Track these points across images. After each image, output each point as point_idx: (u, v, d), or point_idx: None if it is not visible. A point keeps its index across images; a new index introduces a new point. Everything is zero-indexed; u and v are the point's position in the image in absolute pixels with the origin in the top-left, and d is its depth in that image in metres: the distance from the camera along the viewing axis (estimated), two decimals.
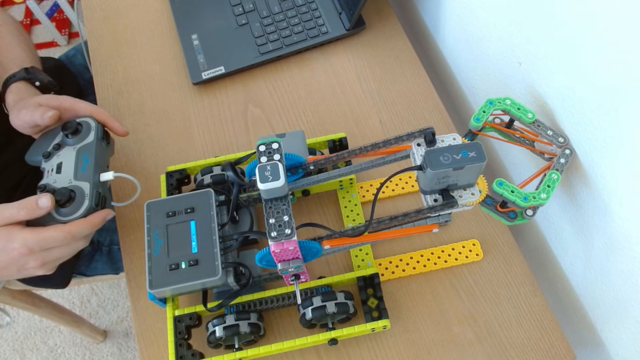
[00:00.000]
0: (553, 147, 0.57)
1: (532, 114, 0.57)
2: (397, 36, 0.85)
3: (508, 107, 0.57)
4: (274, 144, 0.54)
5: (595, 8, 0.47)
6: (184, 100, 0.81)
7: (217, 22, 0.85)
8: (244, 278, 0.59)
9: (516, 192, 0.52)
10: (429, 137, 0.53)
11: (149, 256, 0.56)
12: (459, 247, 0.67)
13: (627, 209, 0.52)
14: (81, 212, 0.57)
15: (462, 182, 0.50)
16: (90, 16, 0.90)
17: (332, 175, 0.59)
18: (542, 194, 0.53)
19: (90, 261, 0.89)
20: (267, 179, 0.50)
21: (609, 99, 0.49)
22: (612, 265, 0.58)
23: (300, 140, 0.65)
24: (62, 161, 0.61)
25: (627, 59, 0.45)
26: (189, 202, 0.59)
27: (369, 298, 0.61)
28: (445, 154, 0.48)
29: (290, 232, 0.50)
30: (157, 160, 0.76)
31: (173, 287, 0.55)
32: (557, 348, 0.62)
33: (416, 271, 0.66)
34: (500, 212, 0.54)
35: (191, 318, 0.60)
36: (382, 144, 0.54)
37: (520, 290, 0.65)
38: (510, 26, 0.62)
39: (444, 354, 0.62)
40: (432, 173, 0.48)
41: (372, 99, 0.79)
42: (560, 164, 0.55)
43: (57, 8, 1.88)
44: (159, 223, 0.58)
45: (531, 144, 0.59)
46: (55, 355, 1.34)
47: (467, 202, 0.51)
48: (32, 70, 0.70)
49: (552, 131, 0.56)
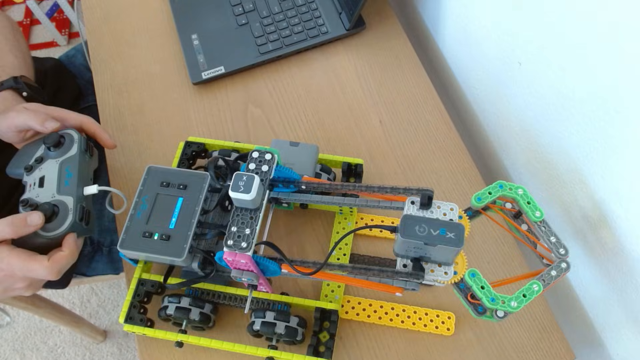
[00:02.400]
0: (552, 255, 0.52)
1: (540, 213, 0.51)
2: (397, 36, 0.85)
3: (518, 197, 0.52)
4: (268, 154, 0.54)
5: (595, 8, 0.47)
6: (184, 100, 0.81)
7: (217, 22, 0.85)
8: (209, 267, 0.60)
9: (486, 290, 0.48)
10: (424, 199, 0.49)
11: (131, 216, 0.58)
12: (432, 315, 0.63)
13: (627, 209, 0.52)
14: (65, 227, 0.55)
15: (437, 258, 0.48)
16: (90, 16, 0.90)
17: (325, 201, 0.56)
18: (513, 301, 0.47)
19: (91, 261, 0.89)
20: (238, 188, 0.50)
21: (609, 99, 0.49)
22: (612, 265, 0.58)
23: (312, 155, 0.64)
24: (44, 175, 0.59)
25: (627, 59, 0.45)
26: (184, 179, 0.60)
27: (322, 331, 0.60)
28: (423, 225, 0.45)
29: (246, 247, 0.49)
30: (157, 161, 0.76)
31: (139, 254, 0.57)
32: (557, 348, 0.62)
33: (381, 322, 0.63)
34: (470, 302, 0.50)
35: (153, 285, 0.62)
36: (378, 189, 0.52)
37: None
38: (511, 26, 0.62)
39: (443, 354, 0.62)
40: (401, 240, 0.45)
41: (372, 99, 0.79)
42: (549, 276, 0.49)
43: (57, 8, 1.88)
44: (152, 189, 0.60)
45: (533, 244, 0.54)
46: (55, 355, 1.34)
47: (437, 280, 0.48)
48: (20, 80, 0.68)
49: (556, 239, 0.51)
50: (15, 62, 0.72)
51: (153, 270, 0.66)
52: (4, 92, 0.66)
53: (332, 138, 0.76)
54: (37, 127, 0.60)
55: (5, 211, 0.79)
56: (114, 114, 0.80)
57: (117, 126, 0.79)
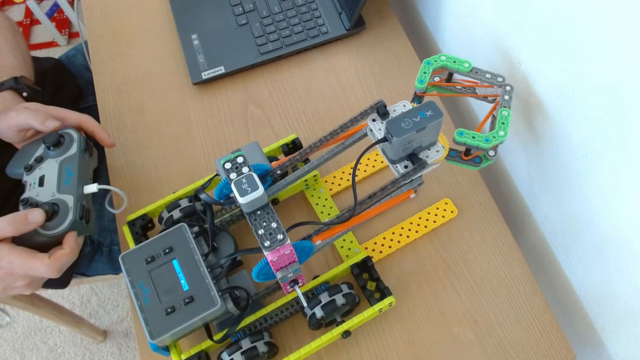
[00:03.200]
0: (494, 88, 0.60)
1: (468, 64, 0.60)
2: (397, 36, 0.85)
3: (444, 62, 0.60)
4: (239, 157, 0.52)
5: (595, 8, 0.47)
6: (184, 100, 0.81)
7: (217, 22, 0.85)
8: (242, 300, 0.58)
9: (477, 137, 0.56)
10: (382, 109, 0.54)
11: (141, 308, 0.54)
12: (433, 210, 0.70)
13: (627, 209, 0.52)
14: (66, 225, 0.55)
15: (426, 142, 0.53)
16: (90, 16, 0.90)
17: (299, 174, 0.58)
18: (499, 131, 0.56)
19: (91, 261, 0.89)
20: (246, 191, 0.49)
21: (609, 99, 0.49)
22: (612, 266, 0.58)
23: (257, 151, 0.64)
24: (44, 174, 0.59)
25: (627, 59, 0.45)
26: (165, 243, 0.57)
27: (367, 282, 0.62)
28: (405, 119, 0.49)
29: (283, 237, 0.49)
30: (157, 161, 0.76)
31: (175, 331, 0.53)
32: (557, 348, 0.62)
33: (401, 244, 0.68)
34: (465, 160, 0.58)
35: (200, 357, 0.58)
36: (340, 129, 0.55)
37: (520, 290, 0.65)
38: (511, 26, 0.62)
39: (444, 354, 0.62)
40: (398, 140, 0.49)
41: (372, 99, 0.79)
42: (505, 100, 0.58)
43: (57, 8, 1.88)
44: (141, 272, 0.55)
45: (473, 91, 0.62)
46: (55, 355, 1.34)
47: (435, 160, 0.53)
48: (21, 81, 0.68)
49: (490, 74, 0.60)
50: (15, 63, 0.72)
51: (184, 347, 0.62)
52: (4, 93, 0.67)
53: None
54: (38, 126, 0.60)
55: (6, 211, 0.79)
56: (113, 113, 0.80)
57: (117, 126, 0.79)
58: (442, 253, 0.68)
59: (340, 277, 0.64)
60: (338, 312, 0.59)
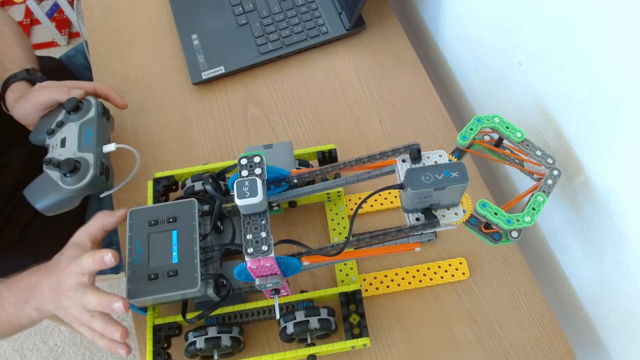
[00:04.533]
0: (542, 167, 0.56)
1: (520, 133, 0.56)
2: (397, 36, 0.85)
3: (496, 125, 0.56)
4: (256, 157, 0.53)
5: (595, 8, 0.47)
6: (184, 100, 0.81)
7: (217, 22, 0.85)
8: (224, 290, 0.59)
9: (499, 215, 0.51)
10: (414, 153, 0.51)
11: (129, 264, 0.55)
12: (445, 265, 0.66)
13: (627, 209, 0.52)
14: (87, 179, 0.60)
15: (445, 202, 0.49)
16: (90, 16, 0.90)
17: (317, 189, 0.57)
18: (526, 217, 0.51)
19: None
20: (244, 194, 0.49)
21: (609, 99, 0.49)
22: (612, 266, 0.58)
23: (288, 152, 0.64)
24: (65, 136, 0.63)
25: (627, 59, 0.45)
26: (172, 212, 0.58)
27: (350, 314, 0.61)
28: (427, 173, 0.46)
29: (267, 249, 0.49)
30: (157, 160, 0.76)
31: (152, 297, 0.54)
32: (557, 348, 0.62)
33: (400, 288, 0.65)
34: (485, 233, 0.53)
35: (171, 327, 0.59)
36: (367, 159, 0.53)
37: (520, 290, 0.65)
38: (511, 26, 0.62)
39: (443, 354, 0.62)
40: (413, 193, 0.46)
41: (372, 99, 0.79)
42: (547, 185, 0.54)
43: (57, 8, 1.88)
44: (141, 232, 0.57)
45: (520, 164, 0.58)
46: (55, 355, 1.34)
47: (450, 222, 0.49)
48: (32, 72, 0.72)
49: (541, 152, 0.55)
50: (24, 56, 0.76)
51: (163, 313, 0.63)
52: (18, 83, 0.71)
53: (332, 138, 0.76)
54: (64, 97, 0.65)
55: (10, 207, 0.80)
56: (114, 113, 0.80)
57: (117, 126, 0.79)
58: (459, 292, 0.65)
59: (327, 299, 0.63)
60: (311, 334, 0.59)
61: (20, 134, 0.71)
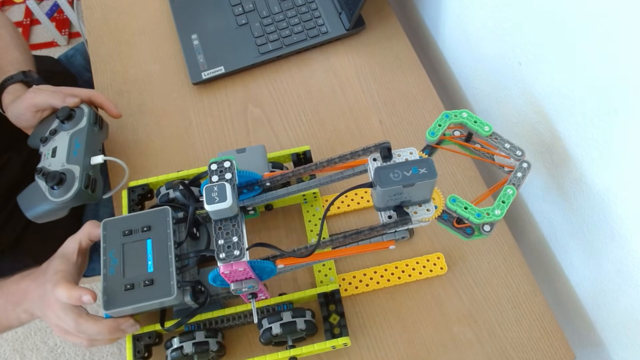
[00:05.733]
0: (511, 160, 0.55)
1: (489, 127, 0.55)
2: (397, 36, 0.85)
3: (464, 120, 0.56)
4: (226, 162, 0.52)
5: (595, 8, 0.47)
6: (184, 100, 0.81)
7: (217, 22, 0.85)
8: (202, 296, 0.58)
9: (469, 209, 0.50)
10: (384, 152, 0.51)
11: (105, 276, 0.55)
12: (423, 261, 0.66)
13: (626, 209, 0.52)
14: (72, 193, 0.60)
15: (417, 198, 0.49)
16: (90, 16, 0.90)
17: (291, 191, 0.56)
18: (496, 210, 0.50)
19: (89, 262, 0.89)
20: (213, 200, 0.48)
21: (609, 99, 0.49)
22: (611, 266, 0.58)
23: (261, 155, 0.64)
24: (57, 146, 0.64)
25: (626, 59, 0.45)
26: (145, 220, 0.57)
27: (330, 314, 0.61)
28: (396, 170, 0.46)
29: (239, 254, 0.49)
30: (157, 160, 0.76)
31: (128, 308, 0.54)
32: (557, 348, 0.62)
33: (380, 286, 0.65)
34: (457, 228, 0.52)
35: (150, 337, 0.59)
36: (339, 159, 0.53)
37: (520, 290, 0.65)
38: (510, 26, 0.62)
39: (443, 354, 0.62)
40: (383, 190, 0.47)
41: (372, 99, 0.79)
42: (517, 178, 0.53)
43: (57, 8, 1.87)
44: (115, 242, 0.57)
45: (491, 157, 0.57)
46: (55, 355, 1.34)
47: (422, 219, 0.50)
48: (29, 74, 0.72)
49: (510, 144, 0.55)
50: (21, 58, 0.76)
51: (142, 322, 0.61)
52: (15, 85, 0.71)
53: (332, 138, 0.76)
54: (58, 104, 0.65)
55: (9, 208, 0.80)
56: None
57: (117, 126, 0.79)
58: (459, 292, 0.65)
59: (306, 301, 0.63)
60: (292, 335, 0.59)
61: (19, 135, 0.71)
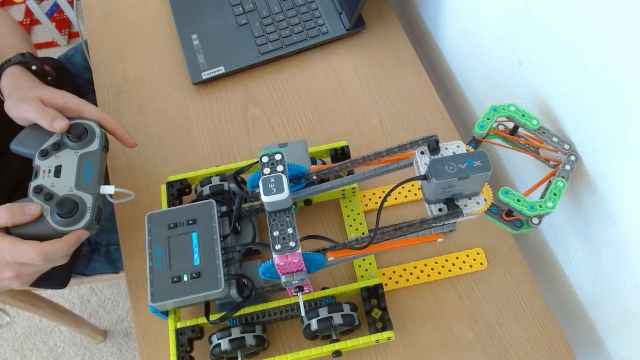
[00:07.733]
0: (558, 154, 0.56)
1: (537, 121, 0.56)
2: (397, 36, 0.85)
3: (512, 113, 0.56)
4: (277, 154, 0.53)
5: (595, 8, 0.47)
6: (184, 100, 0.81)
7: (217, 22, 0.85)
8: (246, 290, 0.58)
9: (522, 201, 0.51)
10: (433, 145, 0.51)
11: (151, 269, 0.55)
12: (463, 257, 0.67)
13: (628, 210, 0.52)
14: (81, 225, 0.55)
15: (467, 191, 0.50)
16: (90, 16, 0.90)
17: (335, 185, 0.57)
18: (548, 202, 0.52)
19: (89, 261, 0.89)
20: (271, 191, 0.49)
21: (610, 99, 0.49)
22: (612, 266, 0.58)
23: (303, 150, 0.64)
24: (61, 164, 0.57)
25: (627, 59, 0.45)
26: (190, 214, 0.58)
27: (372, 309, 0.61)
28: (450, 163, 0.46)
29: (295, 245, 0.49)
30: (157, 160, 0.76)
31: (175, 300, 0.54)
32: (557, 348, 0.62)
33: (420, 281, 0.65)
34: (506, 220, 0.53)
35: (193, 330, 0.59)
36: (385, 152, 0.53)
37: (520, 290, 0.65)
38: (511, 26, 0.62)
39: (443, 354, 0.62)
40: (437, 183, 0.47)
41: (372, 98, 0.79)
42: (565, 171, 0.54)
43: (57, 8, 1.88)
44: (161, 235, 0.57)
45: (536, 151, 0.58)
46: (55, 355, 1.34)
47: (472, 211, 0.50)
48: (27, 55, 0.68)
49: (558, 138, 0.55)
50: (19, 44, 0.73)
51: (184, 317, 0.63)
52: (13, 67, 0.67)
53: (332, 138, 0.76)
54: (46, 127, 0.58)
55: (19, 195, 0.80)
56: (113, 113, 0.80)
57: None
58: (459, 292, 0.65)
59: (349, 295, 0.63)
60: (334, 330, 0.59)
61: None
